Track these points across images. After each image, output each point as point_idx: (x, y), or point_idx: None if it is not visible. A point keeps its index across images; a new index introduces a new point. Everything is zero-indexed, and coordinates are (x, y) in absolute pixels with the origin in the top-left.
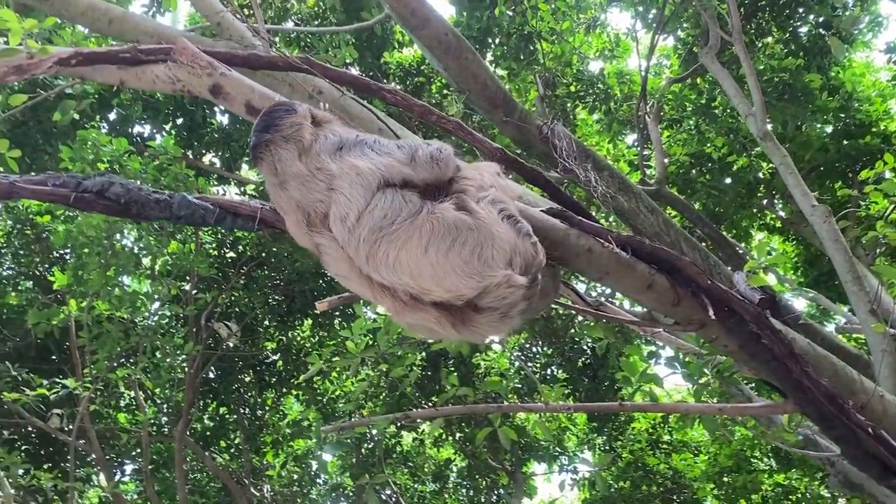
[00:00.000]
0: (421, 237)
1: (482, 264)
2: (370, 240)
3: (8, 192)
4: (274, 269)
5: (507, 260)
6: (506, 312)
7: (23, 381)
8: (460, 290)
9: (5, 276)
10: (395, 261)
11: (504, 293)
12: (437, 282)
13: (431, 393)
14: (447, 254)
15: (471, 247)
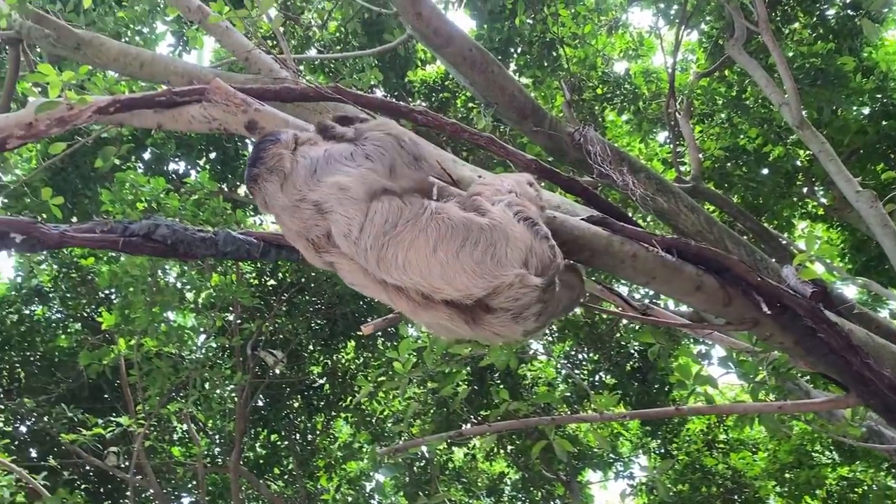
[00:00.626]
0: (428, 238)
1: (495, 264)
2: (376, 245)
3: (58, 242)
4: (314, 294)
5: (522, 260)
6: (518, 314)
7: (78, 421)
8: (470, 289)
9: (55, 319)
10: (404, 261)
11: (517, 294)
12: (447, 281)
13: (480, 407)
14: (458, 254)
15: (483, 247)
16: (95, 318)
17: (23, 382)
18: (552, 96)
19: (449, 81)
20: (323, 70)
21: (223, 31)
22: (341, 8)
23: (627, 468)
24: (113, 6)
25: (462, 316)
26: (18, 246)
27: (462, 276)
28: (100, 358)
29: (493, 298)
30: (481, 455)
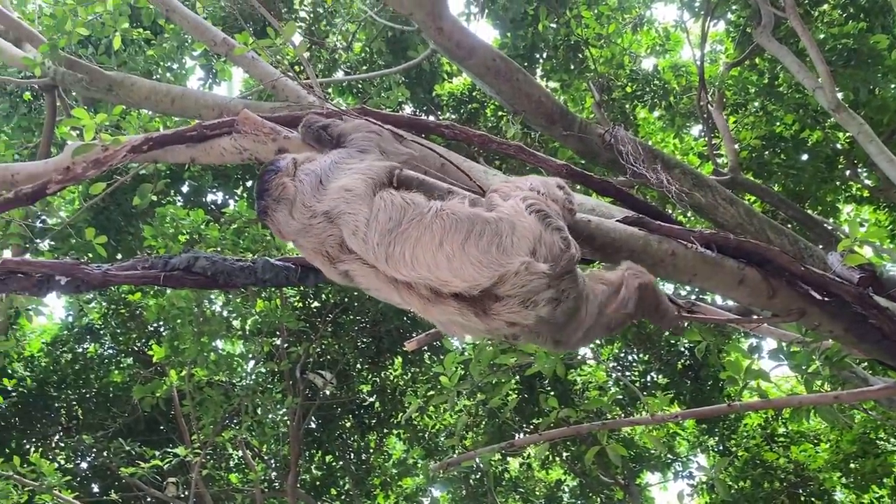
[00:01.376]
0: (434, 234)
1: (500, 253)
2: (383, 243)
3: (102, 281)
4: (358, 313)
5: (530, 249)
6: (526, 300)
7: (136, 454)
8: (476, 279)
9: (107, 355)
10: (411, 258)
11: (523, 280)
12: (454, 273)
13: (531, 415)
14: (463, 246)
15: (488, 238)
16: (146, 352)
17: (81, 419)
18: (581, 98)
19: (477, 92)
20: (350, 91)
21: (250, 62)
22: (365, 29)
23: (686, 468)
24: (142, 45)
25: (472, 309)
26: (64, 288)
27: (468, 267)
28: (153, 391)
29: (499, 287)
30: (537, 464)
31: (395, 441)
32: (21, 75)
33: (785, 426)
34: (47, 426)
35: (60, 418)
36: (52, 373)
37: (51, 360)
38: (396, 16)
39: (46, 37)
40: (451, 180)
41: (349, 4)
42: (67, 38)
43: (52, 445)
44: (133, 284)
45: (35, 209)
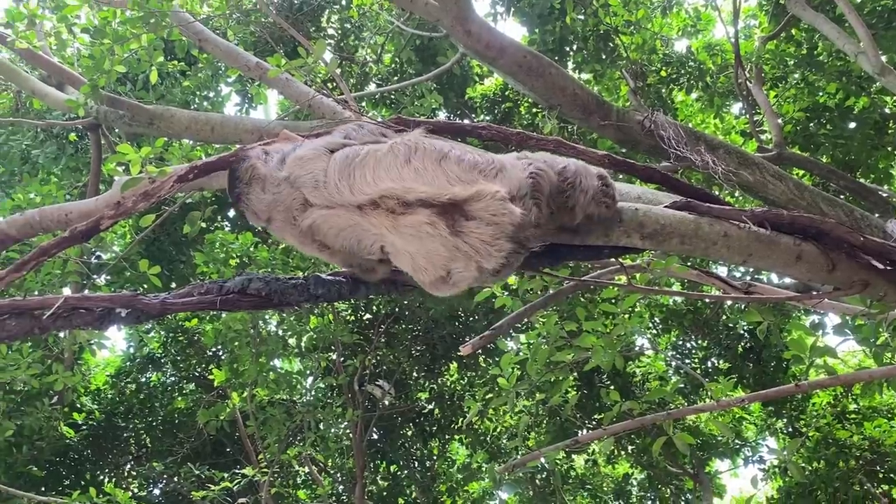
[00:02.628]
0: (396, 156)
1: (482, 175)
2: (344, 176)
3: (160, 310)
4: (410, 322)
5: (510, 192)
6: (495, 235)
7: (206, 477)
8: (448, 189)
9: (169, 383)
10: (373, 177)
11: (496, 208)
12: (423, 182)
13: (592, 411)
14: (440, 161)
15: (473, 159)
16: (207, 377)
17: (150, 447)
18: (616, 87)
19: (509, 91)
20: (384, 103)
21: (284, 83)
22: (392, 40)
23: (756, 452)
24: (178, 77)
25: (443, 219)
26: (124, 319)
27: (441, 178)
28: (217, 414)
29: (472, 204)
30: (602, 459)
31: (458, 446)
32: (65, 117)
33: (856, 402)
34: (118, 456)
35: (130, 447)
36: (119, 404)
37: (116, 392)
38: (423, 23)
39: (87, 77)
40: None
41: (375, 17)
42: (106, 77)
43: (125, 474)
44: (190, 311)
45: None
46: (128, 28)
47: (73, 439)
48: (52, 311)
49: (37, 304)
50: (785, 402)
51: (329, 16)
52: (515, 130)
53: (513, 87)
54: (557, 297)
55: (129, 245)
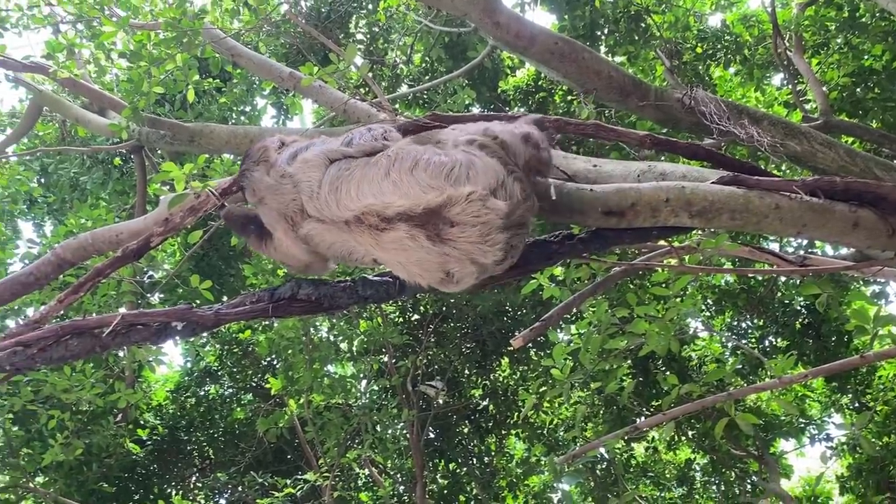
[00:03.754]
0: (379, 168)
1: (450, 180)
2: (332, 190)
3: (215, 322)
4: (458, 320)
5: (488, 186)
6: (485, 233)
7: (269, 485)
8: (421, 197)
9: (227, 394)
10: (357, 192)
11: (477, 209)
12: (399, 194)
13: (649, 398)
14: (412, 171)
15: (438, 164)
16: (263, 386)
17: (213, 458)
18: (651, 68)
19: (542, 80)
20: (417, 103)
21: (317, 91)
22: (421, 39)
23: (821, 430)
24: (214, 94)
25: (422, 231)
26: (180, 333)
27: (414, 187)
28: (276, 422)
29: (449, 209)
30: (662, 446)
31: (515, 441)
32: (109, 142)
33: None
34: (183, 468)
35: (194, 460)
36: (180, 418)
37: (177, 406)
38: (451, 20)
39: (126, 101)
40: None
41: (403, 18)
42: (146, 99)
43: (191, 486)
44: (243, 320)
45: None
46: (162, 49)
47: (139, 455)
48: (111, 329)
49: (96, 323)
50: (849, 377)
51: (356, 21)
52: (552, 117)
53: (546, 76)
54: (606, 283)
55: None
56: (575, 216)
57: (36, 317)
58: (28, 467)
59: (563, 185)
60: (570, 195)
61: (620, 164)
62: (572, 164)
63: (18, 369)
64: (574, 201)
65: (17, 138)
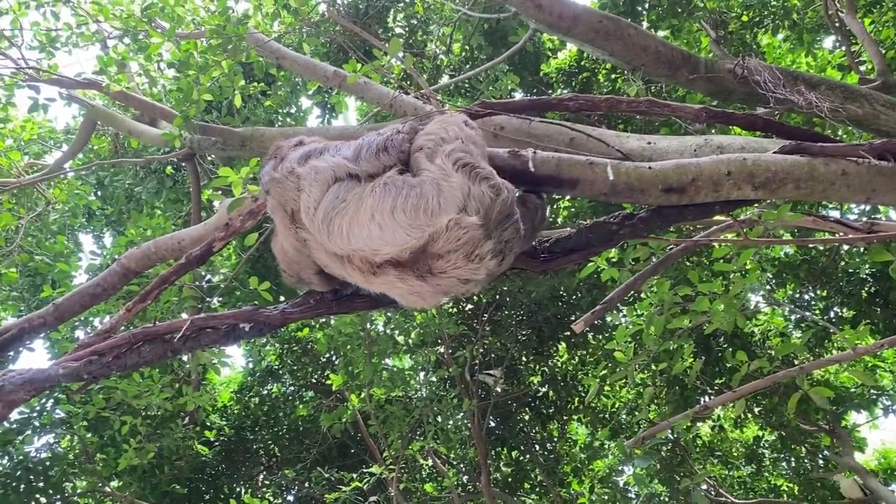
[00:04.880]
0: (367, 208)
1: (427, 216)
2: (326, 220)
3: (281, 321)
4: (513, 308)
5: (459, 206)
6: (469, 253)
7: (335, 480)
8: (406, 242)
9: (289, 392)
10: (348, 231)
11: (456, 235)
12: (384, 241)
13: (713, 376)
14: (392, 213)
15: (413, 202)
16: (324, 382)
17: (279, 456)
18: (696, 41)
19: (585, 61)
20: (459, 93)
21: (363, 87)
22: (460, 28)
23: (895, 401)
24: (259, 98)
25: (412, 273)
26: (248, 333)
27: (398, 232)
28: (339, 417)
29: (433, 245)
30: (729, 424)
31: (577, 426)
32: (161, 152)
33: None
34: (251, 467)
35: (261, 458)
36: (245, 418)
37: (242, 407)
38: (490, 6)
39: (177, 109)
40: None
41: (441, 8)
42: (196, 107)
43: (259, 484)
44: (309, 318)
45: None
46: (209, 56)
47: (208, 456)
48: (181, 334)
49: (166, 329)
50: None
51: (394, 15)
52: (604, 97)
53: (588, 57)
54: (666, 262)
55: (237, 265)
56: (634, 195)
57: (106, 326)
58: (104, 472)
59: (619, 164)
60: (627, 174)
61: (675, 140)
62: (625, 143)
63: (95, 377)
64: (632, 180)
65: (73, 154)
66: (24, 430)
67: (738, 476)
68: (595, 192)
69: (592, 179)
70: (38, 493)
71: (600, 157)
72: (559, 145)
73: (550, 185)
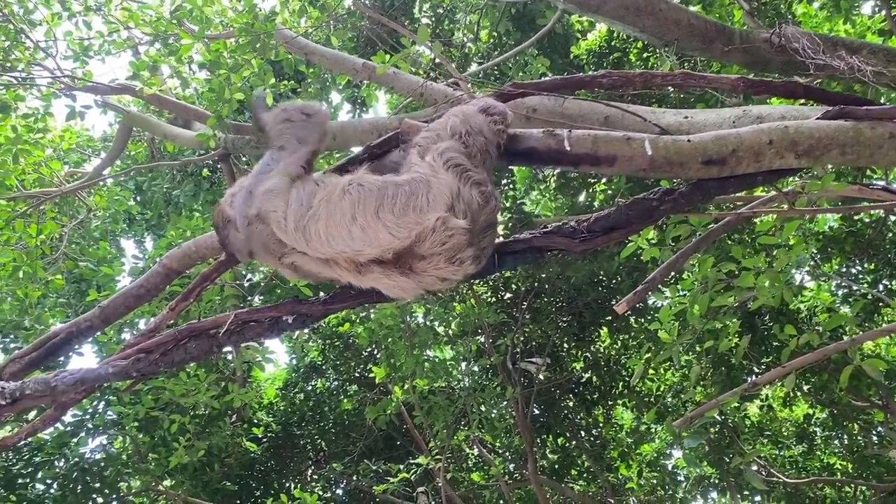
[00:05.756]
0: (344, 211)
1: (416, 213)
2: (300, 227)
3: (324, 312)
4: (552, 294)
5: (447, 205)
6: (451, 256)
7: (383, 472)
8: (392, 243)
9: (333, 387)
10: (326, 235)
11: (442, 237)
12: (368, 242)
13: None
14: (377, 214)
15: (403, 200)
16: (367, 376)
17: (326, 450)
18: (728, 14)
19: (615, 40)
20: (489, 79)
21: (392, 78)
22: (487, 14)
23: None
24: (290, 96)
25: (396, 270)
26: (291, 325)
27: (383, 232)
28: (383, 409)
29: (420, 245)
30: (777, 403)
31: (622, 411)
32: (196, 154)
33: None
34: (299, 462)
35: (308, 453)
36: (291, 413)
37: (287, 403)
38: None
39: (210, 110)
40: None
41: None
42: (228, 106)
43: (307, 479)
44: (351, 308)
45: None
46: (239, 55)
47: (256, 452)
48: (226, 328)
49: (211, 324)
50: None
51: (420, 5)
52: (638, 72)
53: (619, 36)
54: (709, 238)
55: None
56: (674, 169)
57: (151, 326)
58: (156, 471)
59: (657, 138)
60: (666, 148)
61: (713, 113)
62: (661, 118)
63: (144, 375)
64: (671, 154)
65: (111, 161)
66: (79, 432)
67: (790, 455)
68: (633, 168)
69: (630, 155)
70: (95, 493)
71: (637, 133)
72: (593, 125)
73: (587, 163)
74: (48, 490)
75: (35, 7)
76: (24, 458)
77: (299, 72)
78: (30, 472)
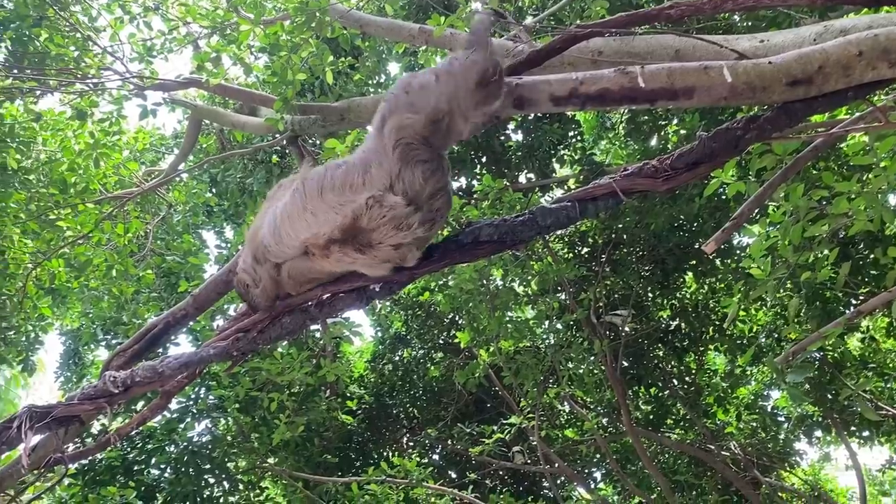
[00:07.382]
0: (296, 205)
1: (352, 192)
2: (275, 236)
3: (409, 277)
4: (630, 244)
5: (385, 185)
6: (398, 224)
7: (477, 434)
8: (335, 221)
9: (420, 356)
10: (290, 230)
11: (381, 212)
12: (319, 224)
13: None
14: (321, 195)
15: (341, 182)
16: (452, 342)
17: (419, 417)
18: None
19: None
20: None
21: (450, 39)
22: None
23: None
24: (348, 73)
25: (352, 247)
26: (378, 294)
27: (329, 213)
28: (472, 372)
29: (360, 221)
30: (881, 335)
31: (715, 356)
32: (265, 140)
33: None
34: (394, 431)
35: (402, 421)
36: (382, 385)
37: (377, 375)
38: None
39: (275, 93)
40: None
41: None
42: (292, 88)
43: (404, 447)
44: (436, 270)
45: None
46: (296, 34)
47: (352, 425)
48: (316, 301)
49: (302, 299)
50: None
51: None
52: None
53: None
54: (796, 167)
55: None
56: (756, 94)
57: (243, 309)
58: (261, 449)
59: (736, 64)
60: (747, 73)
61: (790, 33)
62: (736, 44)
63: (244, 353)
64: (753, 79)
65: (184, 156)
66: (184, 417)
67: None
68: (713, 98)
69: (709, 85)
70: (206, 473)
71: (714, 62)
72: (664, 60)
73: (664, 98)
74: (163, 474)
75: (98, 13)
76: (138, 446)
77: (356, 48)
78: (144, 458)
